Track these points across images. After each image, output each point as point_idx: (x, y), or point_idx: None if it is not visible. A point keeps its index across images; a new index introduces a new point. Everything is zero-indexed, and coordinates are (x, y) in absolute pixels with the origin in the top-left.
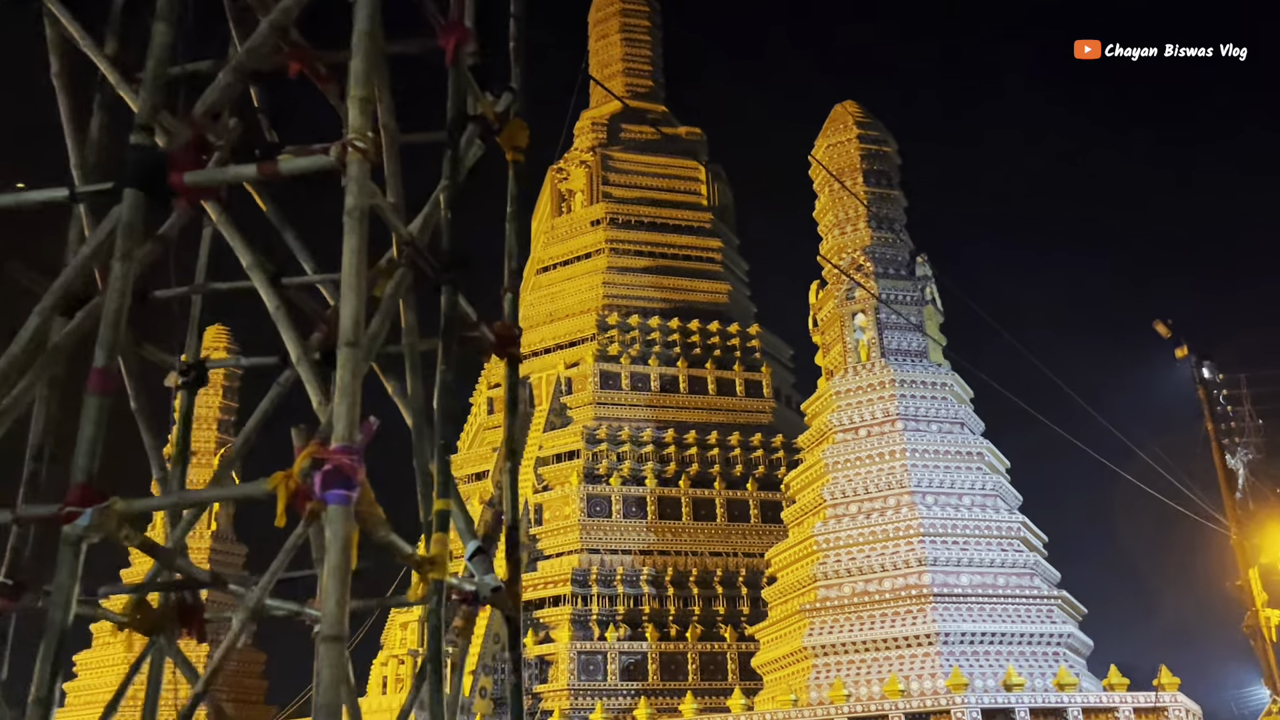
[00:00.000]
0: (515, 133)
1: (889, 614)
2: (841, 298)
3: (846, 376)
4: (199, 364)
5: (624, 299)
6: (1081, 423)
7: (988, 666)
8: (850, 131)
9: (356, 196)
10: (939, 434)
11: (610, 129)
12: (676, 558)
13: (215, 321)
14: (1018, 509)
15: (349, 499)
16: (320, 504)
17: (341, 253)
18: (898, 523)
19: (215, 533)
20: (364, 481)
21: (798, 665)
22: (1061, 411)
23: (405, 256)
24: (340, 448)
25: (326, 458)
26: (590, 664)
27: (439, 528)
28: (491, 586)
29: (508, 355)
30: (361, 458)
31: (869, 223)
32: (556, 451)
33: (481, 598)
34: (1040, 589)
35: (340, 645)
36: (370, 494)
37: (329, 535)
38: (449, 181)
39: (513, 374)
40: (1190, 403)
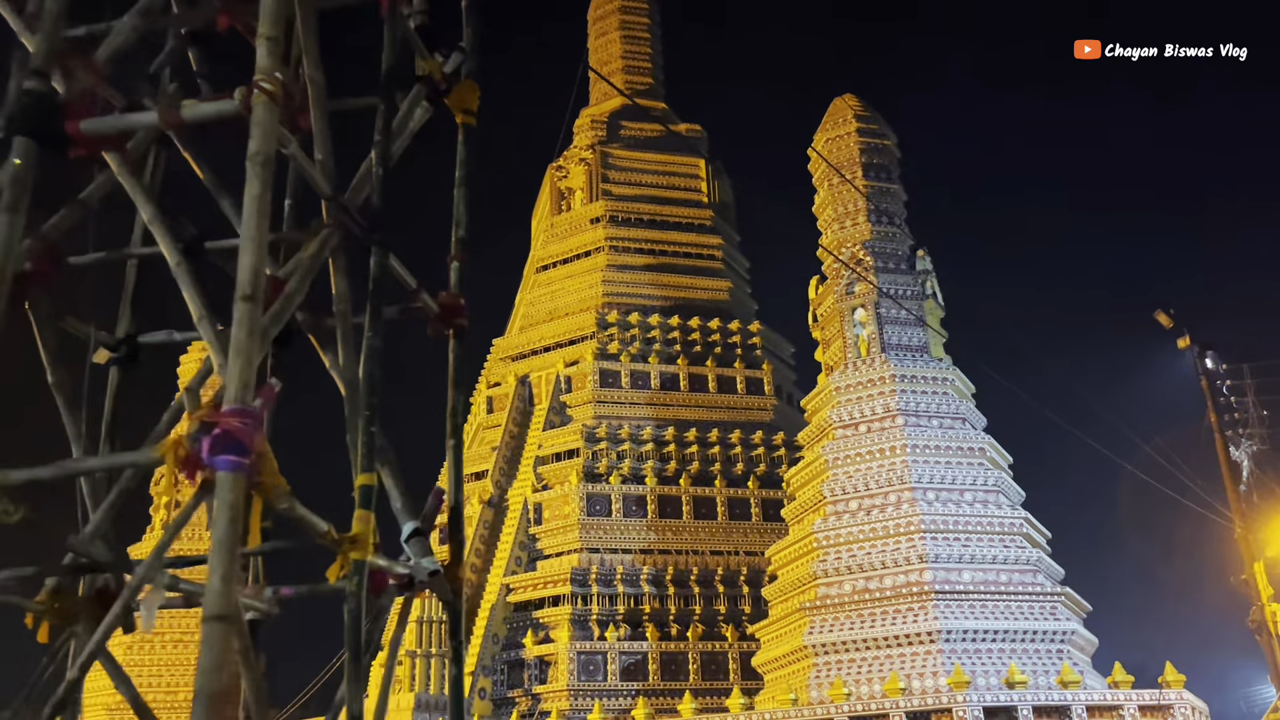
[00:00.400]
0: (465, 95)
1: (890, 611)
2: (841, 292)
3: (846, 372)
4: (130, 339)
5: (624, 297)
6: (1083, 416)
7: (990, 664)
8: (849, 125)
9: (260, 142)
10: (940, 429)
11: (610, 126)
12: (677, 556)
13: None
14: (1020, 505)
15: (241, 465)
16: (210, 471)
17: None
18: (898, 519)
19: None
20: (264, 449)
21: (798, 664)
22: (1062, 405)
23: (331, 215)
24: (231, 410)
25: (216, 421)
26: (590, 664)
27: (362, 504)
28: (429, 570)
29: (454, 327)
30: (259, 423)
31: (869, 217)
32: (556, 450)
33: (418, 582)
34: (1043, 586)
35: (225, 626)
36: (273, 463)
37: (217, 505)
38: (381, 138)
39: (459, 347)
40: (1193, 394)
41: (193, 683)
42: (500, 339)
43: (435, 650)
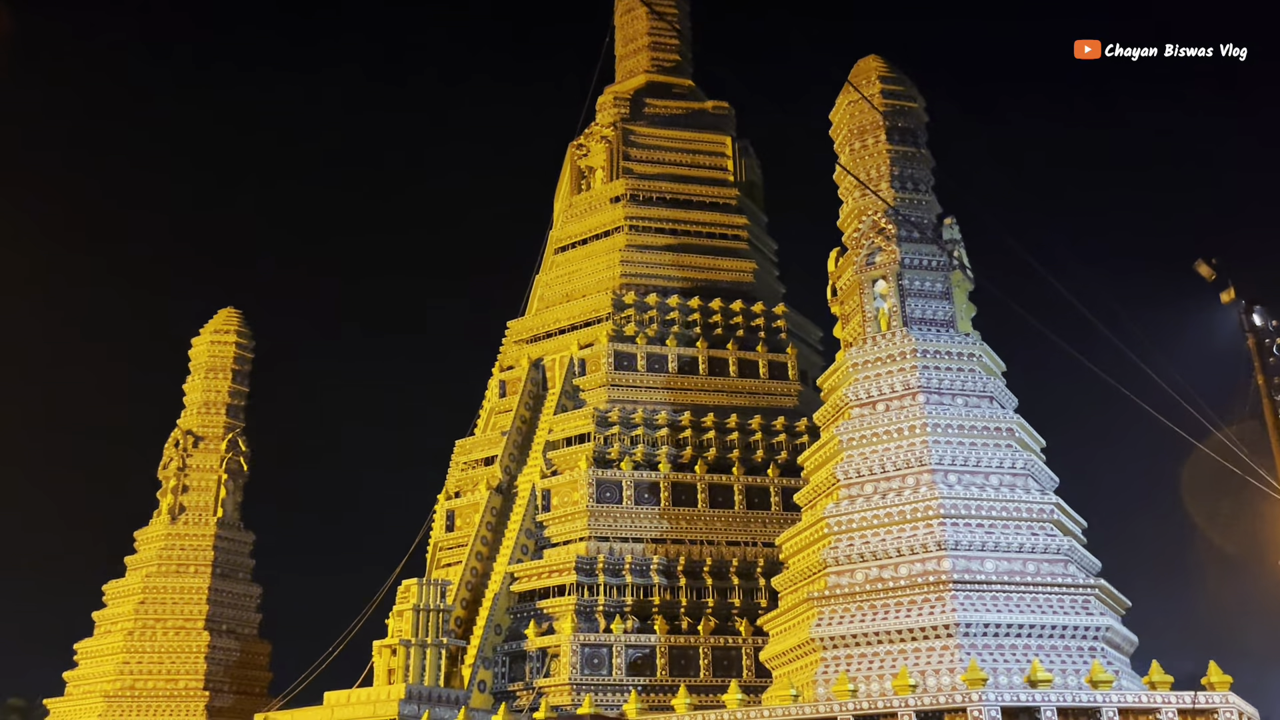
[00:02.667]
0: None
1: (904, 602)
2: (861, 263)
3: (865, 347)
4: None
5: (643, 277)
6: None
7: (1014, 662)
8: (874, 87)
9: None
10: (964, 408)
11: (634, 104)
12: (691, 546)
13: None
14: (1053, 491)
15: None
16: None
17: None
18: (916, 503)
19: (221, 519)
20: None
21: (806, 659)
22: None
23: None
24: None
25: None
26: (595, 657)
27: None
28: None
29: None
30: None
31: (892, 183)
32: (567, 435)
33: None
34: (1075, 577)
35: None
36: None
37: None
38: None
39: None
40: (1238, 354)
41: (194, 670)
42: (515, 321)
43: (431, 639)
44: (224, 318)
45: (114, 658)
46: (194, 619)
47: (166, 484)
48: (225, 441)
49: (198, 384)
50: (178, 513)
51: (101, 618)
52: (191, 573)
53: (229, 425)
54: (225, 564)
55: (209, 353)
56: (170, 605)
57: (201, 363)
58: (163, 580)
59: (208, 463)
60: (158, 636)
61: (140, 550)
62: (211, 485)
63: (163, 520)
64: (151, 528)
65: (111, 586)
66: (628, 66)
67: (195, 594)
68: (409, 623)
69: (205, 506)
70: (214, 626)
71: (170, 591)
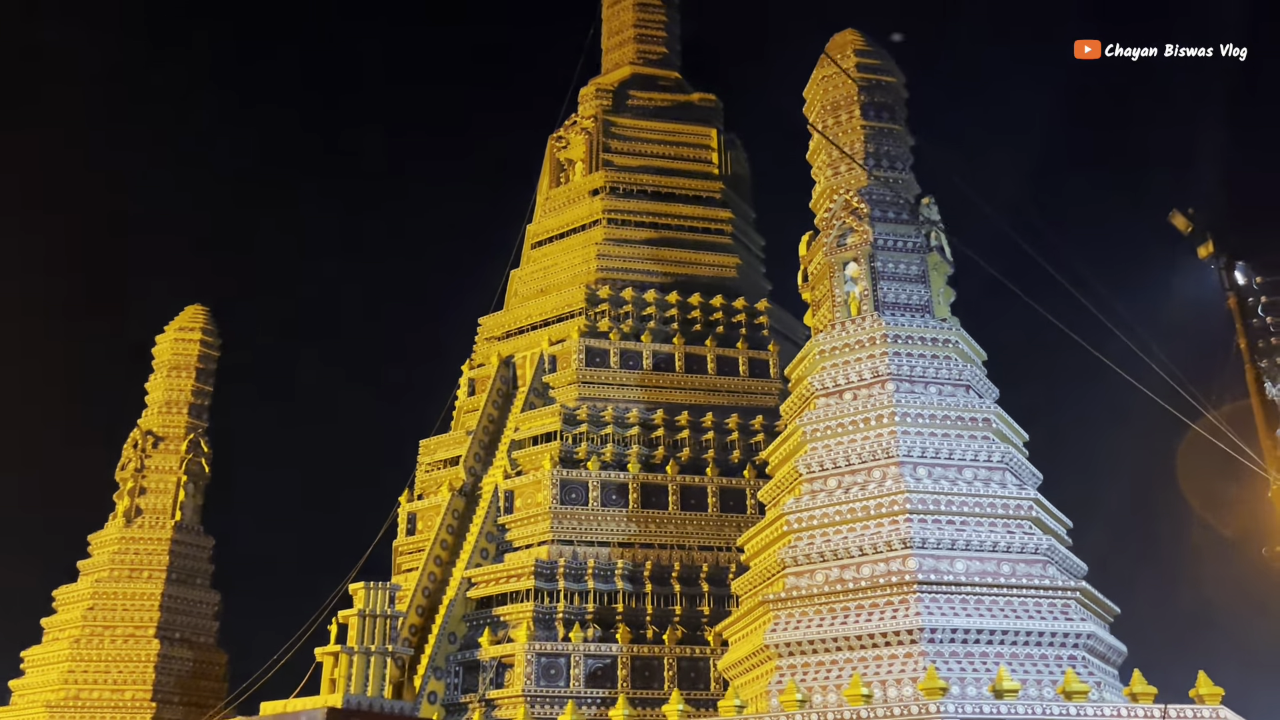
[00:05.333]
0: None
1: (866, 606)
2: (831, 245)
3: (832, 333)
4: None
5: (620, 271)
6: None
7: (983, 671)
8: (849, 61)
9: None
10: (938, 396)
11: (617, 96)
12: (660, 551)
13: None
14: (1036, 488)
15: None
16: None
17: None
18: (880, 498)
19: (179, 523)
20: None
21: (761, 668)
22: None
23: None
24: None
25: None
26: (551, 668)
27: None
28: None
29: None
30: None
31: (866, 160)
32: (533, 434)
33: None
34: (1054, 579)
35: None
36: None
37: None
38: None
39: None
40: (1218, 315)
41: (142, 680)
42: (486, 317)
43: (375, 647)
44: (190, 315)
45: (59, 666)
46: (144, 626)
47: (123, 486)
48: (186, 442)
49: (160, 382)
50: (134, 515)
51: (50, 624)
52: (144, 578)
53: (191, 425)
54: (181, 569)
55: (173, 350)
56: (120, 612)
57: (165, 360)
58: (113, 586)
59: (167, 464)
60: (105, 644)
61: (94, 554)
62: (170, 487)
63: (118, 523)
64: (106, 531)
65: (62, 592)
66: (614, 59)
67: (147, 600)
68: (355, 629)
69: (163, 509)
70: (166, 634)
71: (121, 598)
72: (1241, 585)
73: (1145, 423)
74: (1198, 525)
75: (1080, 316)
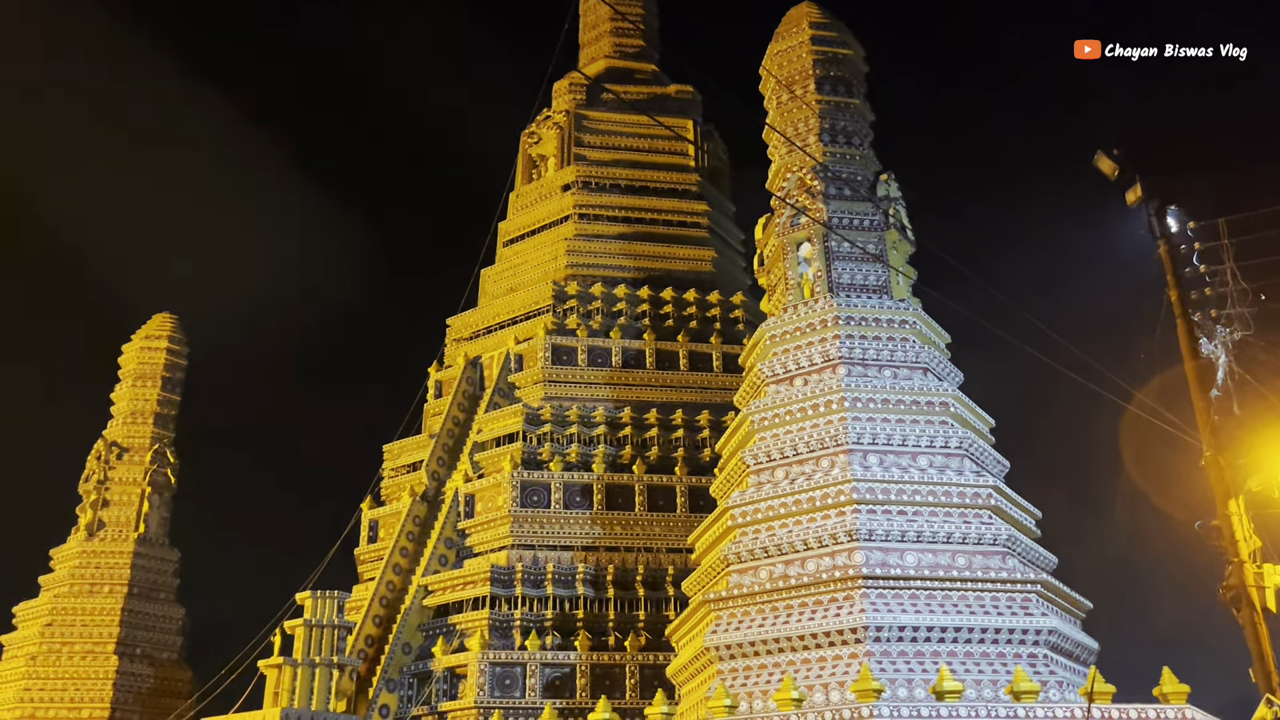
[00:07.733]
0: None
1: (810, 603)
2: (785, 225)
3: (783, 317)
4: None
5: (590, 267)
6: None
7: (934, 671)
8: (803, 34)
9: None
10: (892, 380)
11: (591, 90)
12: (626, 554)
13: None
14: (999, 475)
15: None
16: None
17: None
18: (826, 487)
19: (142, 536)
20: None
21: (704, 673)
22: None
23: None
24: None
25: None
26: (506, 677)
27: None
28: None
29: None
30: None
31: (821, 136)
32: (495, 435)
33: None
34: (1014, 572)
35: None
36: None
37: None
38: None
39: None
40: (1147, 264)
41: (100, 698)
42: (454, 317)
43: (320, 658)
44: (157, 323)
45: (15, 685)
46: (103, 643)
47: (86, 498)
48: (151, 453)
49: (125, 392)
50: (96, 528)
51: (9, 641)
52: (105, 593)
53: (156, 436)
54: (144, 583)
55: (139, 359)
56: (79, 628)
57: (130, 370)
58: (72, 601)
59: (131, 475)
60: (62, 661)
61: (55, 569)
62: (134, 499)
63: (79, 537)
64: (67, 545)
65: (22, 609)
66: (590, 53)
67: (106, 615)
68: (301, 640)
69: (126, 522)
70: (126, 651)
71: (80, 613)
72: (1180, 564)
73: (1079, 391)
74: (1124, 500)
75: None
